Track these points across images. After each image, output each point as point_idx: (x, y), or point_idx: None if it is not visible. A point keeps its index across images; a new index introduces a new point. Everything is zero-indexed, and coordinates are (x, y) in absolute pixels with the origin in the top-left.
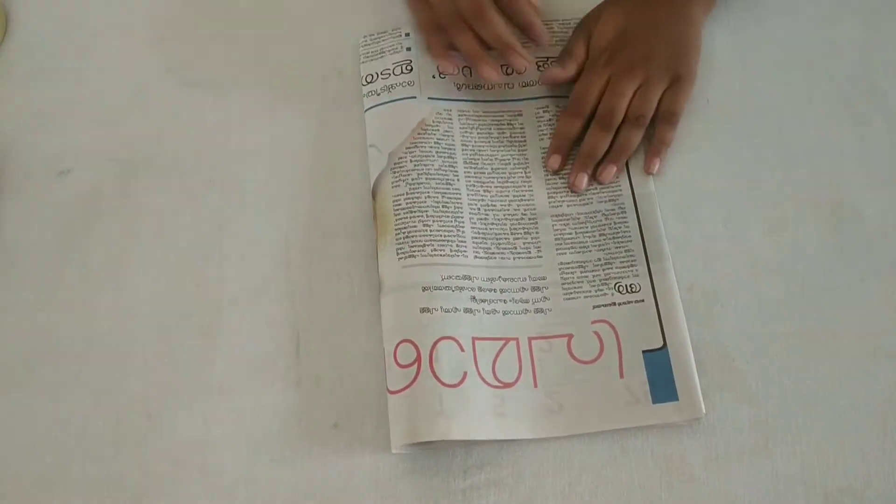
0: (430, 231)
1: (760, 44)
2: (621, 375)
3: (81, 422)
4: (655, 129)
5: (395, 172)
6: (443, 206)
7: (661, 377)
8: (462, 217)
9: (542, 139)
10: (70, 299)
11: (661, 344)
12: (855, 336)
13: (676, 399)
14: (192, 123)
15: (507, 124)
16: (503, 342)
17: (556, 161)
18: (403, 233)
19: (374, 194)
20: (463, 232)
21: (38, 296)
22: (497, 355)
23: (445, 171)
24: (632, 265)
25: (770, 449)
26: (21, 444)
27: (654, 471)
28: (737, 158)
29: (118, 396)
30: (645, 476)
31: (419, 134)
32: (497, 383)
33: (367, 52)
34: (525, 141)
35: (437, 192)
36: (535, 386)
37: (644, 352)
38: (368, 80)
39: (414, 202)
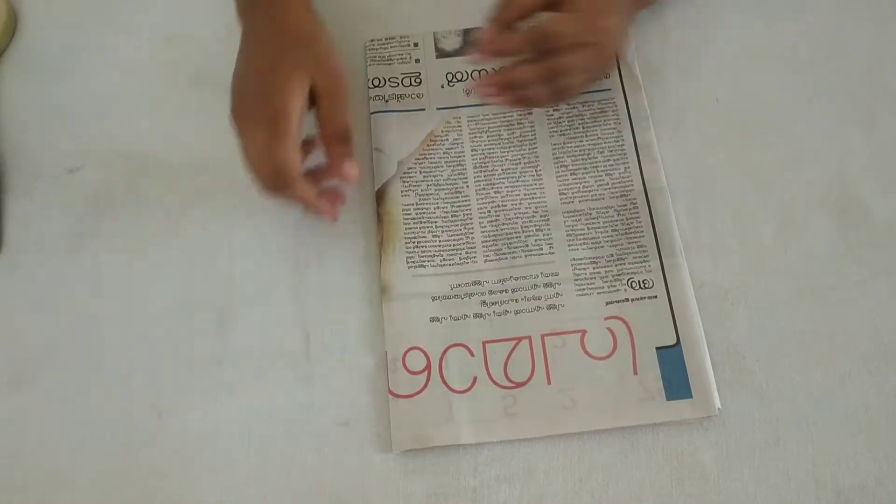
0: (440, 242)
1: (769, 43)
2: (635, 372)
3: (91, 419)
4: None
5: (404, 182)
6: (452, 216)
7: (674, 374)
8: (472, 223)
9: (553, 136)
10: (80, 297)
11: (674, 341)
12: (865, 334)
13: (691, 396)
14: (201, 121)
15: (518, 124)
16: (515, 342)
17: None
18: (413, 242)
19: (379, 198)
20: (472, 238)
21: (48, 293)
22: (509, 356)
23: (455, 179)
24: (644, 261)
25: (781, 447)
26: (31, 441)
27: (665, 468)
28: (746, 157)
29: (128, 394)
30: (655, 473)
31: (428, 145)
32: (509, 384)
33: (374, 56)
34: (535, 139)
35: (447, 203)
36: (549, 383)
37: (657, 349)
38: (375, 83)
39: (423, 212)
